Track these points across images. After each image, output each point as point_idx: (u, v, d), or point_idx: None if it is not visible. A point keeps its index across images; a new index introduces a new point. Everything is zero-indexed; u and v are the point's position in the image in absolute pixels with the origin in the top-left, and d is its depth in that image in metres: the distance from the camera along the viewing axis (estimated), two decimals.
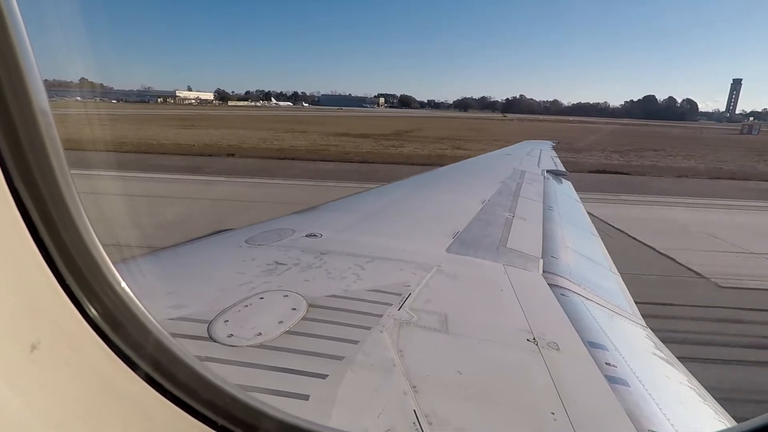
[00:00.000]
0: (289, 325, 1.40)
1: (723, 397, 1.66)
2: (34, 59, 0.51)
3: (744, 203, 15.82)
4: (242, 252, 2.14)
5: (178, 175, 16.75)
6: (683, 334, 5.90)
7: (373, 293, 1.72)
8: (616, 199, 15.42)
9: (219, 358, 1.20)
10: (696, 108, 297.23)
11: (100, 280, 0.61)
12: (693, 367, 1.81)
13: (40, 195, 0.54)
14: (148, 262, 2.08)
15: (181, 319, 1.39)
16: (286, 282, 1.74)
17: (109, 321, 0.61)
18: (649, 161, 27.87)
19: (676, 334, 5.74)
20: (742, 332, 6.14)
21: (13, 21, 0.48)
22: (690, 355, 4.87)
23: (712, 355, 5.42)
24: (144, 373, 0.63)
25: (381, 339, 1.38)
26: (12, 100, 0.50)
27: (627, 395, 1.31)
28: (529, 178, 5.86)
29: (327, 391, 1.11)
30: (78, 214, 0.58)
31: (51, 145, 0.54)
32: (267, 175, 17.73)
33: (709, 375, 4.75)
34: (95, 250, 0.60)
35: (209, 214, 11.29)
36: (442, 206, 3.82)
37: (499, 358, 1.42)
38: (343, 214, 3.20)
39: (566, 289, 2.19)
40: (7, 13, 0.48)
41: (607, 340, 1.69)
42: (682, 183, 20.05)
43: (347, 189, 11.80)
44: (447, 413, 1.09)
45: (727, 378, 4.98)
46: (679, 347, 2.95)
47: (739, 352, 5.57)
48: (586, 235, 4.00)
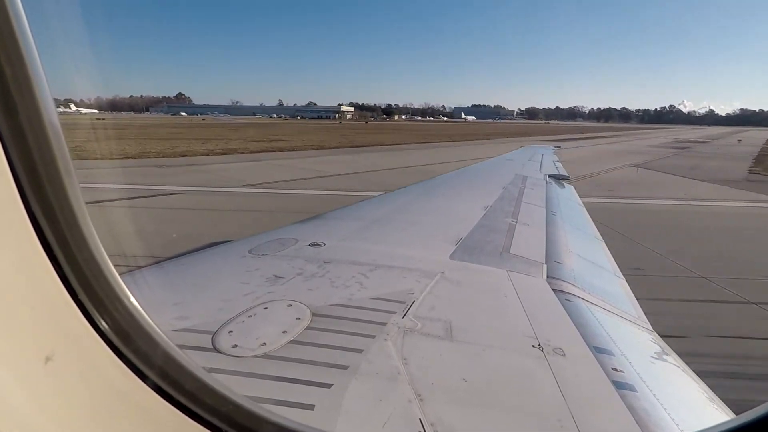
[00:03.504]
0: (294, 334, 1.41)
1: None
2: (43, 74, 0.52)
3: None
4: (245, 262, 2.15)
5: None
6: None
7: (377, 301, 1.72)
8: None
9: (224, 369, 1.20)
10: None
11: (110, 295, 0.63)
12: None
13: (54, 216, 0.56)
14: (153, 273, 2.09)
15: (186, 331, 1.40)
16: (290, 291, 1.75)
17: (119, 334, 0.63)
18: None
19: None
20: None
21: (20, 29, 0.49)
22: None
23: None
24: (153, 383, 0.65)
25: (385, 347, 1.38)
26: (25, 122, 0.52)
27: (634, 401, 1.30)
28: (531, 183, 5.86)
29: (332, 401, 1.11)
30: (89, 232, 0.60)
31: (62, 163, 0.56)
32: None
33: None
34: (105, 267, 0.62)
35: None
36: (445, 213, 3.82)
37: (505, 365, 1.41)
38: (345, 223, 3.21)
39: (571, 294, 2.18)
40: (14, 22, 0.49)
41: (613, 345, 1.68)
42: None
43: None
44: (453, 421, 1.08)
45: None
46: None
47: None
48: (590, 239, 3.99)
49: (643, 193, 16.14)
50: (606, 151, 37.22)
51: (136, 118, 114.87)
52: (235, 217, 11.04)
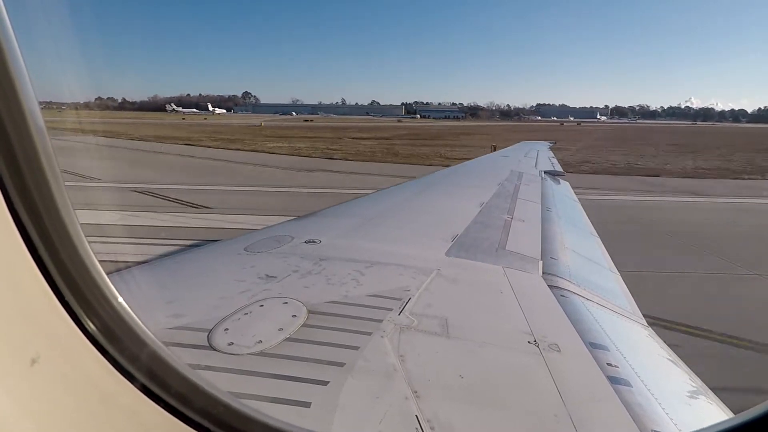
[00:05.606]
0: (290, 332, 1.40)
1: None
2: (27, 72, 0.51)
3: None
4: (241, 260, 2.14)
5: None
6: None
7: (373, 298, 1.72)
8: None
9: (219, 367, 1.19)
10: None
11: (96, 295, 0.61)
12: None
13: (37, 213, 0.55)
14: (148, 271, 2.07)
15: (181, 328, 1.39)
16: (286, 289, 1.74)
17: (106, 334, 0.62)
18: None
19: None
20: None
21: (3, 31, 0.48)
22: None
23: None
24: (141, 384, 0.64)
25: (382, 344, 1.38)
26: (6, 116, 0.50)
27: (629, 395, 1.30)
28: (526, 179, 5.88)
29: (328, 398, 1.10)
30: (74, 230, 0.59)
31: (47, 162, 0.55)
32: None
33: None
34: (92, 266, 0.61)
35: None
36: (441, 210, 3.82)
37: (501, 361, 1.41)
38: (341, 220, 3.20)
39: (566, 290, 2.18)
40: (1, 32, 0.48)
41: (608, 340, 1.69)
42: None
43: None
44: (449, 418, 1.08)
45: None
46: None
47: None
48: (585, 235, 4.01)
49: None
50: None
51: (252, 117, 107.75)
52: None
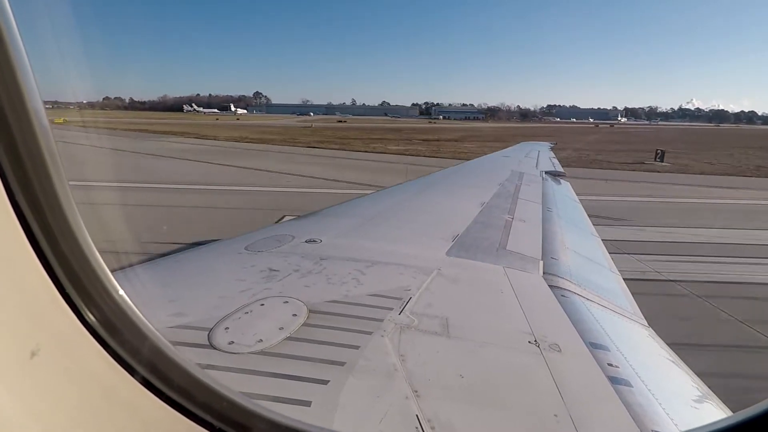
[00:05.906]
0: (290, 331, 1.40)
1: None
2: (31, 70, 0.52)
3: None
4: (242, 259, 2.14)
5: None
6: None
7: (374, 298, 1.71)
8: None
9: (220, 366, 1.19)
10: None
11: (98, 287, 0.61)
12: None
13: (39, 205, 0.55)
14: (149, 269, 2.07)
15: (182, 327, 1.39)
16: (287, 288, 1.74)
17: (107, 327, 0.62)
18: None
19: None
20: None
21: (8, 30, 0.48)
22: None
23: None
24: (141, 378, 0.64)
25: (382, 344, 1.38)
26: (10, 111, 0.51)
27: (630, 396, 1.30)
28: (527, 179, 5.87)
29: (329, 397, 1.10)
30: (76, 223, 0.59)
31: (49, 156, 0.55)
32: None
33: None
34: (93, 258, 0.61)
35: None
36: (441, 209, 3.82)
37: (501, 361, 1.41)
38: (342, 219, 3.20)
39: (567, 290, 2.18)
40: (3, 25, 0.48)
41: (608, 340, 1.69)
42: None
43: None
44: (449, 417, 1.08)
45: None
46: None
47: None
48: (586, 235, 4.00)
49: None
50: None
51: (274, 118, 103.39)
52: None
